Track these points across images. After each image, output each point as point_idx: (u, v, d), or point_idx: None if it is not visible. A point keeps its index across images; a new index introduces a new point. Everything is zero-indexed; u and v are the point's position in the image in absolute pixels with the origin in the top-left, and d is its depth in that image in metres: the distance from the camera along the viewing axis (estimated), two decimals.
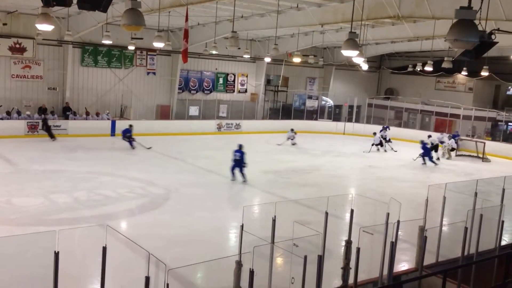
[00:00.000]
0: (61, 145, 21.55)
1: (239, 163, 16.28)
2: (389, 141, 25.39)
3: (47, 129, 22.49)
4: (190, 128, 27.56)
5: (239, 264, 7.00)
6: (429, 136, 24.42)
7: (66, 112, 24.68)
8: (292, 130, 26.01)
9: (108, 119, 25.49)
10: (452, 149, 24.64)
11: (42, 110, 23.82)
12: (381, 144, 24.89)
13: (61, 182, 15.21)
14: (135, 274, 6.45)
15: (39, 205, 12.68)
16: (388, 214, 7.90)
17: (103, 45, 24.51)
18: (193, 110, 29.28)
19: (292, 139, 25.85)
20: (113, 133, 24.99)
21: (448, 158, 24.24)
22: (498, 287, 7.36)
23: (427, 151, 22.09)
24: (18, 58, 23.98)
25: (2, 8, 20.66)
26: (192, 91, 30.14)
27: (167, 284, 6.06)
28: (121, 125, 25.27)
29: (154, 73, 28.41)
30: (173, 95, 29.04)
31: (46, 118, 22.86)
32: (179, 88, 29.30)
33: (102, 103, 26.41)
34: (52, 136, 22.49)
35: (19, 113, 23.34)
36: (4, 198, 12.94)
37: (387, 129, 25.21)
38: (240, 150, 16.50)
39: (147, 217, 12.43)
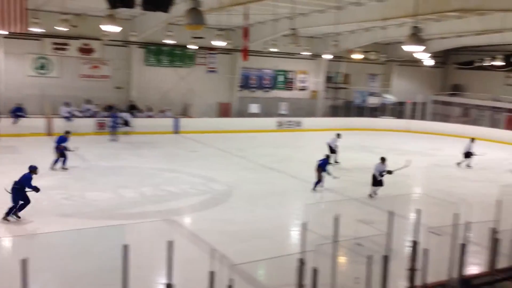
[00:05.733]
0: (127, 141, 22.37)
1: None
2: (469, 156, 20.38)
3: (115, 127, 23.04)
4: (250, 125, 27.77)
5: (301, 262, 6.99)
6: None
7: (131, 110, 25.57)
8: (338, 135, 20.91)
9: (171, 116, 26.18)
10: None
11: (109, 108, 24.77)
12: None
13: (127, 177, 15.80)
14: (200, 268, 6.59)
15: (108, 199, 13.23)
16: (457, 215, 7.63)
17: (166, 44, 25.21)
18: (254, 108, 29.50)
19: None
20: (176, 130, 25.65)
21: None
22: None
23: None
24: (86, 58, 25.13)
25: (71, 11, 21.71)
26: (252, 89, 30.39)
27: (231, 279, 6.16)
28: (185, 123, 25.95)
29: (215, 71, 28.89)
30: (233, 93, 29.42)
31: (117, 116, 23.43)
32: (240, 86, 29.63)
33: (165, 101, 27.15)
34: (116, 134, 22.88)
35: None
36: (78, 192, 13.62)
37: (339, 136, 20.72)
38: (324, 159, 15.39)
39: (210, 213, 12.65)
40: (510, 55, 22.66)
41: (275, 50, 25.05)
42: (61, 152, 16.10)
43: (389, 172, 14.17)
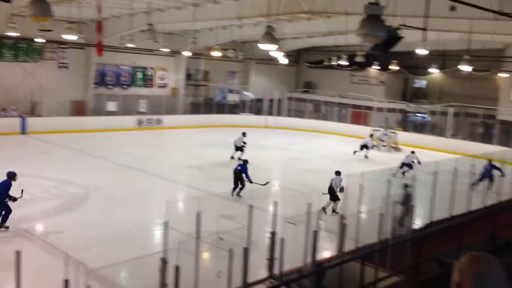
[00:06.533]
0: None
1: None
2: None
3: None
4: (108, 124, 26.64)
5: (164, 261, 6.89)
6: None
7: None
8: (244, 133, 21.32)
9: (16, 116, 23.96)
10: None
11: None
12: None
13: None
14: (54, 278, 6.15)
15: None
16: (310, 204, 8.13)
17: (8, 37, 22.96)
18: (111, 106, 28.27)
19: None
20: (23, 131, 23.57)
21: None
22: (411, 268, 7.83)
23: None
24: None
25: None
26: (109, 86, 29.09)
27: (88, 286, 5.85)
28: (33, 122, 23.94)
29: (66, 67, 27.06)
30: (88, 90, 27.84)
31: None
32: (95, 83, 28.16)
33: (10, 99, 24.75)
34: None
35: None
36: None
37: (244, 135, 20.91)
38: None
39: (64, 218, 11.88)
40: (353, 55, 24.83)
41: (133, 46, 24.29)
42: None
43: (341, 190, 13.20)
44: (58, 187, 14.43)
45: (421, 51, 18.00)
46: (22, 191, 10.89)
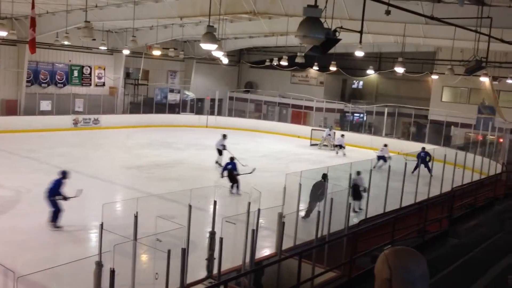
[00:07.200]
0: None
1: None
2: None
3: None
4: (42, 124, 25.58)
5: (99, 265, 6.74)
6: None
7: None
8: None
9: None
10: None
11: None
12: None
13: None
14: None
15: None
16: (249, 203, 8.19)
17: None
18: (45, 105, 27.12)
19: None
20: None
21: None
22: (347, 263, 8.06)
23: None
24: None
25: None
26: (43, 85, 27.89)
27: None
28: None
29: None
30: (20, 89, 26.56)
31: None
32: (28, 81, 26.91)
33: None
34: None
35: None
36: None
37: (225, 137, 20.96)
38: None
39: None
40: (293, 56, 25.20)
41: (69, 43, 23.44)
42: None
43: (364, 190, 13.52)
44: None
45: (359, 53, 18.56)
46: (81, 191, 11.25)
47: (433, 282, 2.08)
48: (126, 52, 26.47)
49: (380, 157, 20.59)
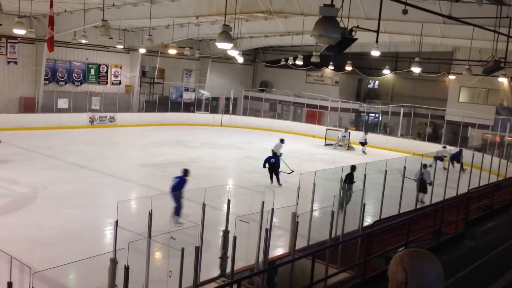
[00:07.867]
0: None
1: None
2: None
3: None
4: (59, 121, 25.89)
5: (113, 262, 6.78)
6: None
7: None
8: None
9: None
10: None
11: None
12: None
13: None
14: None
15: None
16: (263, 203, 8.18)
17: None
18: (62, 103, 27.43)
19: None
20: None
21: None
22: (360, 264, 8.01)
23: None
24: None
25: None
26: (60, 83, 28.22)
27: None
28: None
29: (15, 63, 26.08)
30: (38, 87, 26.92)
31: None
32: (46, 79, 27.26)
33: None
34: None
35: None
36: None
37: (282, 142, 22.00)
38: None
39: (10, 218, 11.44)
40: (309, 55, 25.14)
41: (86, 42, 23.69)
42: None
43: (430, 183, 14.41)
44: (4, 186, 13.89)
45: (375, 53, 18.43)
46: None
47: (448, 284, 2.05)
48: (142, 50, 26.65)
49: (437, 158, 20.58)
